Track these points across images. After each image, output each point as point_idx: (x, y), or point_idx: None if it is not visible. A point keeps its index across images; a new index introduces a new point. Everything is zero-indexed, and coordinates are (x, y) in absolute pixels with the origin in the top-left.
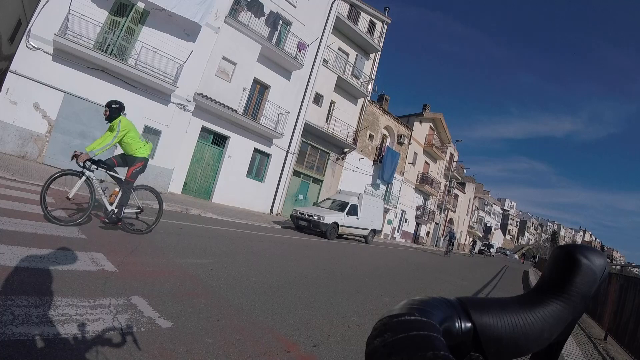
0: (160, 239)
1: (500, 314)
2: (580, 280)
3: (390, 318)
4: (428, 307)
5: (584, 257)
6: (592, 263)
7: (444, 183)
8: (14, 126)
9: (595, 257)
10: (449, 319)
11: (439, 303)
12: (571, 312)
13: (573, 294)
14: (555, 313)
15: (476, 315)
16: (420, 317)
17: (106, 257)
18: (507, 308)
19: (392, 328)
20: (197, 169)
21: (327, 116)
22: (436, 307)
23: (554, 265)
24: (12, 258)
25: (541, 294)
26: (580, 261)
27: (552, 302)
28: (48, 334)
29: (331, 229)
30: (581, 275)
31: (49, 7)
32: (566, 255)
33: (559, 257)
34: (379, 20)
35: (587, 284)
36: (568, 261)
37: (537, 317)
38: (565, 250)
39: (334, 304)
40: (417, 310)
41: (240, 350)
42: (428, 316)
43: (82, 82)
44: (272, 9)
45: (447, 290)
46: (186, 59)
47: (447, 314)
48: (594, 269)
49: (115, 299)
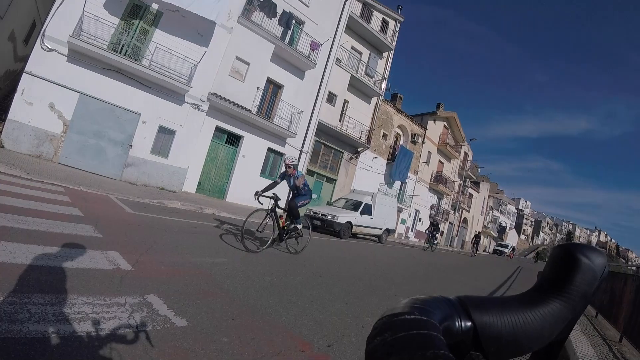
0: (174, 238)
1: (500, 312)
2: (580, 279)
3: (390, 317)
4: (428, 306)
5: (583, 256)
6: (591, 262)
7: (458, 182)
8: (29, 126)
9: (595, 256)
10: (449, 317)
11: (439, 302)
12: (571, 311)
13: (573, 292)
14: (555, 312)
15: (476, 314)
16: (420, 316)
17: (122, 256)
18: (507, 307)
19: (392, 327)
20: (211, 169)
21: (340, 115)
22: (436, 306)
23: (553, 264)
24: (28, 256)
25: (541, 293)
26: (580, 260)
27: (552, 301)
28: (64, 332)
29: (345, 229)
30: (581, 274)
31: (63, 9)
32: (566, 254)
33: (559, 256)
34: (392, 19)
35: (587, 282)
36: (568, 260)
37: (537, 315)
38: (565, 249)
39: (348, 303)
40: (417, 309)
41: (255, 350)
42: (428, 315)
43: (96, 83)
44: (285, 9)
45: (463, 292)
46: (200, 59)
47: (447, 313)
48: (593, 268)
49: (131, 297)
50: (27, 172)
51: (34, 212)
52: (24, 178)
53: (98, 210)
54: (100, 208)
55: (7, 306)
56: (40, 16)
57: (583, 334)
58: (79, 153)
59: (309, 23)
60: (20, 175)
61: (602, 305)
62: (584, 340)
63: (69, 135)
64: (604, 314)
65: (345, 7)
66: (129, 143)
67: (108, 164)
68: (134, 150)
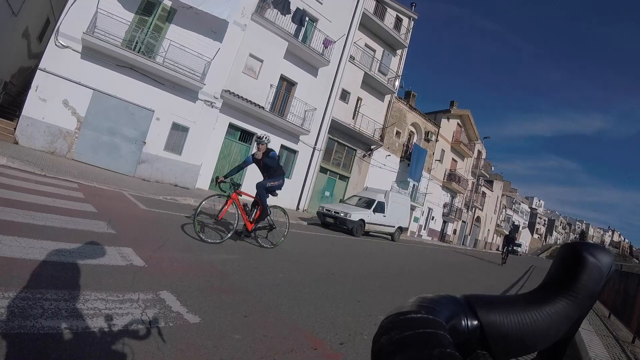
0: (187, 235)
1: (506, 311)
2: (587, 278)
3: (396, 316)
4: (435, 305)
5: (590, 255)
6: (598, 261)
7: (471, 181)
8: (43, 123)
9: (601, 255)
10: (455, 316)
11: (446, 301)
12: (578, 310)
13: (580, 291)
14: (561, 311)
15: (482, 312)
16: (426, 315)
17: (135, 252)
18: (514, 305)
19: (398, 325)
20: (224, 165)
21: (353, 113)
22: (443, 304)
23: (560, 262)
24: (42, 252)
25: (548, 292)
26: (587, 259)
27: (558, 300)
28: (77, 328)
29: (357, 226)
30: (588, 272)
31: (77, 6)
32: (572, 253)
33: (566, 254)
34: (406, 16)
35: (594, 281)
36: (574, 259)
37: (544, 314)
38: (572, 248)
39: (361, 301)
40: (423, 308)
41: (267, 347)
42: (434, 314)
43: (110, 80)
44: (299, 6)
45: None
46: (213, 56)
47: (453, 312)
48: (600, 267)
49: (144, 293)
50: (41, 168)
51: (48, 208)
52: (38, 174)
53: (111, 206)
54: (114, 204)
55: (20, 302)
56: (54, 13)
57: (596, 334)
58: (93, 149)
59: (323, 20)
60: (34, 171)
61: (615, 305)
62: (597, 341)
63: (83, 132)
64: (617, 315)
65: (359, 4)
66: (143, 140)
67: (122, 160)
68: (148, 147)
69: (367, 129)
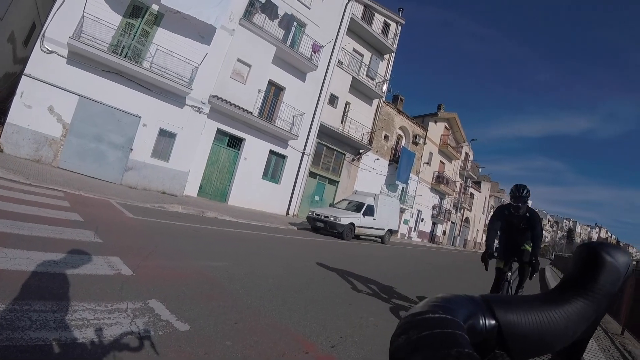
0: (176, 242)
1: (524, 311)
2: (604, 278)
3: (414, 316)
4: (452, 305)
5: (608, 255)
6: (616, 260)
7: (459, 182)
8: (28, 130)
9: (619, 255)
10: (473, 316)
11: (463, 301)
12: (595, 310)
13: (597, 291)
14: (579, 311)
15: (500, 312)
16: (444, 315)
17: (122, 261)
18: (532, 306)
19: (416, 326)
20: (212, 172)
21: (342, 117)
22: (460, 304)
23: (578, 263)
24: (29, 263)
25: (565, 292)
26: (604, 259)
27: (576, 300)
28: (66, 339)
29: (348, 230)
30: (605, 273)
31: (63, 10)
32: (590, 253)
33: (583, 255)
34: (393, 21)
35: (611, 281)
36: (592, 259)
37: (562, 314)
38: (589, 248)
39: (352, 304)
40: (441, 308)
41: (259, 352)
42: (452, 314)
43: (96, 85)
44: (287, 11)
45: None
46: (201, 61)
47: (471, 312)
48: (617, 267)
49: (133, 302)
50: (26, 176)
51: (34, 217)
52: (23, 183)
53: (98, 215)
54: (101, 213)
55: (8, 314)
56: (40, 17)
57: None
58: (79, 157)
59: (311, 25)
60: (19, 180)
61: None
62: None
63: (69, 139)
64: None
65: (347, 9)
66: (130, 146)
67: (108, 167)
68: (135, 153)
69: (356, 133)
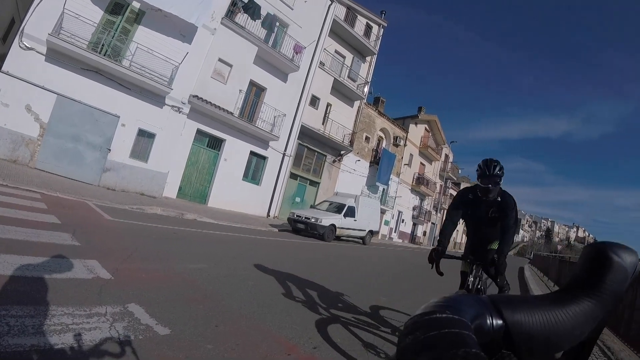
0: (155, 245)
1: (531, 311)
2: (612, 278)
3: (421, 316)
4: (459, 305)
5: (615, 255)
6: (623, 260)
7: (439, 183)
8: (5, 129)
9: (626, 255)
10: (480, 316)
11: (470, 301)
12: (602, 310)
13: (604, 291)
14: (586, 311)
15: (508, 312)
16: (451, 315)
17: (101, 265)
18: (539, 306)
19: (423, 326)
20: (192, 173)
21: (323, 118)
22: (467, 304)
23: (585, 263)
24: (6, 267)
25: (572, 292)
26: (612, 259)
27: (583, 300)
28: (45, 345)
29: (329, 231)
30: (613, 273)
31: (43, 6)
32: (597, 253)
33: (590, 254)
34: (376, 24)
35: (619, 281)
36: (599, 259)
37: (569, 314)
38: (597, 248)
39: (334, 305)
40: (448, 308)
41: (241, 355)
42: (459, 314)
43: (75, 84)
44: (269, 11)
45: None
46: (181, 60)
47: (478, 312)
48: (625, 267)
49: (112, 306)
50: (2, 177)
51: (10, 219)
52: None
53: (76, 217)
54: (78, 215)
55: None
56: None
57: None
58: (56, 157)
59: (293, 26)
60: None
61: None
62: None
63: (46, 139)
64: None
65: (330, 11)
66: (108, 147)
67: (86, 168)
68: (113, 154)
69: (337, 134)
